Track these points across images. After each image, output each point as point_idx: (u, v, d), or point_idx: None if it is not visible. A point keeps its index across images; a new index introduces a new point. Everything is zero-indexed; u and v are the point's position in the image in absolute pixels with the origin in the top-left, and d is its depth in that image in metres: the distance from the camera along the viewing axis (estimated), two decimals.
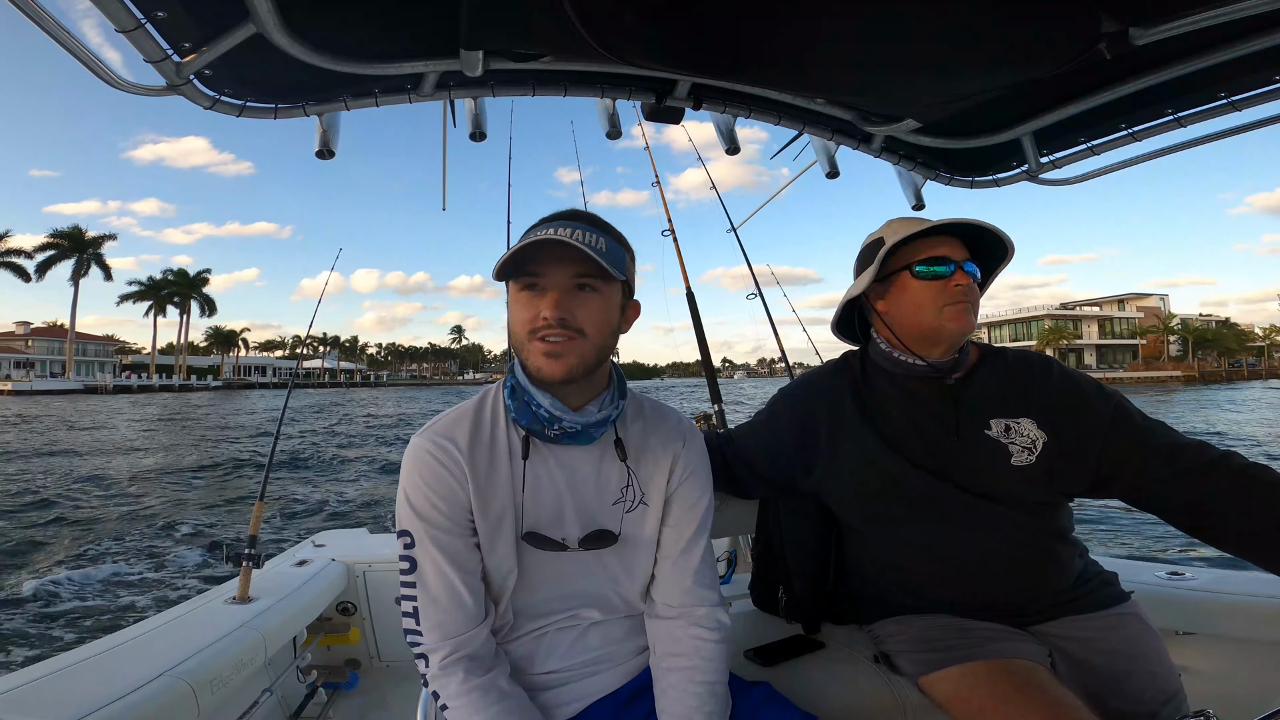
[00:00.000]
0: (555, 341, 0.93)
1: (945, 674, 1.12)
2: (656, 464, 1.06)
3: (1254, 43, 1.25)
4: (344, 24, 1.23)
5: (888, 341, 1.29)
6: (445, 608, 0.94)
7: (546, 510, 0.99)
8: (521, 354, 0.98)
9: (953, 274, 1.20)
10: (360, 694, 2.22)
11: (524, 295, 0.96)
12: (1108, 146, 1.72)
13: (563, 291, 0.94)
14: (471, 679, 0.90)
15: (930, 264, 1.20)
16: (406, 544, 0.96)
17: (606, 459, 1.03)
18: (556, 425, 0.97)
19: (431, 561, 0.95)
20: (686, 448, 1.09)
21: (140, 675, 1.33)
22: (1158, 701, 1.09)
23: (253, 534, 1.90)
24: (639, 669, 1.07)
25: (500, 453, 0.99)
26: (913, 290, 1.22)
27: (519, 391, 0.99)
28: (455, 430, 0.99)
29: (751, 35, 1.19)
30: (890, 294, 1.26)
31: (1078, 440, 1.18)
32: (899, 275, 1.24)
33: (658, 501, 1.06)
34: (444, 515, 0.95)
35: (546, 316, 0.93)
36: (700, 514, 1.08)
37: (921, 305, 1.21)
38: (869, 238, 1.33)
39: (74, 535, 7.18)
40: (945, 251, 1.21)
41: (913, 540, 1.22)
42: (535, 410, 0.97)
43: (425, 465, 0.96)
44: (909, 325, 1.24)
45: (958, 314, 1.19)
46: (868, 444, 1.24)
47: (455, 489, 0.96)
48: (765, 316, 3.12)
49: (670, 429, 1.10)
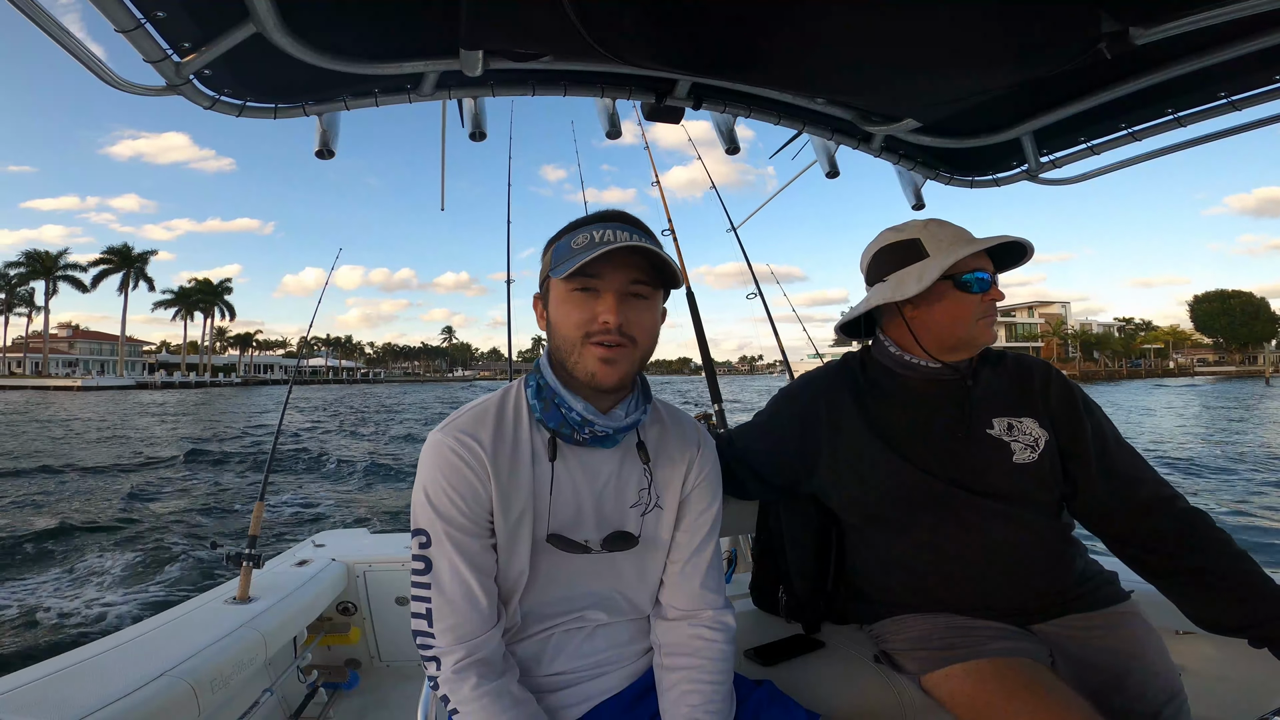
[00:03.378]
0: (612, 348, 0.93)
1: (948, 672, 1.12)
2: (674, 467, 1.06)
3: (1254, 43, 1.25)
4: (344, 24, 1.23)
5: (897, 344, 1.29)
6: (461, 610, 0.92)
7: (568, 512, 0.99)
8: (571, 356, 0.95)
9: (990, 288, 1.22)
10: (360, 694, 2.22)
11: (576, 295, 0.94)
12: (1108, 146, 1.72)
13: (619, 296, 0.93)
14: (484, 684, 0.89)
15: (976, 275, 1.21)
16: (422, 543, 0.94)
17: (628, 462, 1.03)
18: (588, 429, 0.96)
19: (449, 562, 0.92)
20: (702, 453, 1.10)
21: (140, 675, 1.33)
22: (1158, 701, 1.10)
23: (253, 534, 1.90)
24: (643, 670, 1.07)
25: (523, 453, 0.97)
26: (952, 299, 1.22)
27: (546, 392, 0.98)
28: (479, 428, 0.96)
29: (751, 35, 1.19)
30: (926, 301, 1.25)
31: (1067, 447, 1.22)
32: (939, 283, 1.22)
33: (672, 504, 1.06)
34: (464, 515, 0.93)
35: (608, 321, 0.92)
36: (711, 519, 1.09)
37: (960, 316, 1.21)
38: (894, 235, 1.30)
39: (81, 535, 7.18)
40: (983, 264, 1.22)
41: (914, 540, 1.22)
42: (566, 414, 0.95)
43: (447, 462, 0.93)
44: (940, 333, 1.24)
45: (988, 326, 1.22)
46: (869, 446, 1.24)
47: (477, 488, 0.94)
48: (765, 315, 3.11)
49: (688, 433, 1.11)
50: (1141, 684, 1.11)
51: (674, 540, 1.07)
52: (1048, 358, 53.84)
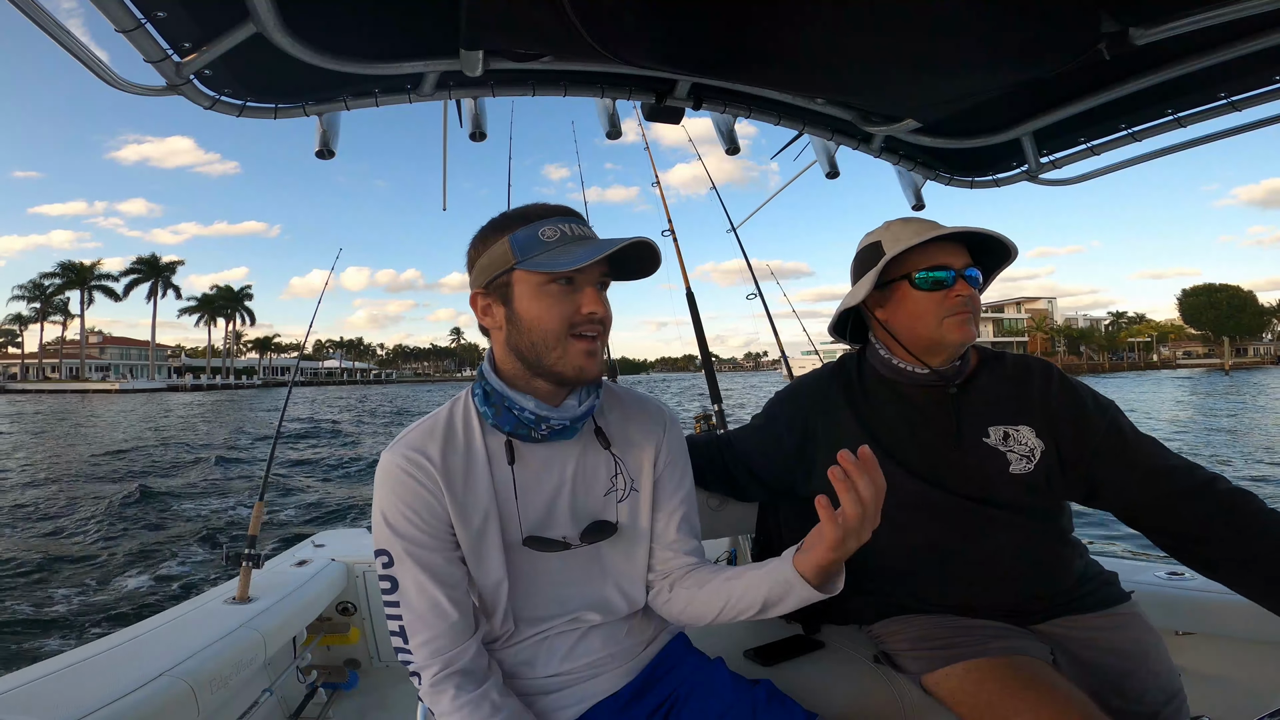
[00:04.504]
0: (594, 339, 0.94)
1: (949, 671, 1.12)
2: (642, 449, 1.07)
3: (1254, 43, 1.24)
4: (344, 24, 1.23)
5: (886, 348, 1.28)
6: (431, 624, 0.92)
7: (539, 512, 0.99)
8: (553, 352, 0.93)
9: (954, 284, 1.17)
10: (360, 694, 2.22)
11: (554, 288, 0.93)
12: (1108, 146, 1.72)
13: (596, 288, 0.95)
14: (463, 694, 0.89)
15: (930, 273, 1.18)
16: (385, 563, 0.94)
17: (590, 451, 1.03)
18: (544, 425, 0.96)
19: (413, 579, 0.92)
20: (668, 433, 1.11)
21: (140, 675, 1.33)
22: (1158, 701, 1.10)
23: (252, 534, 1.90)
24: (640, 669, 1.07)
25: (477, 461, 0.97)
26: (912, 300, 1.20)
27: (494, 396, 0.97)
28: (427, 442, 0.96)
29: (751, 35, 1.19)
30: (890, 302, 1.24)
31: (1074, 451, 1.19)
32: (898, 284, 1.21)
33: (647, 487, 1.07)
34: (421, 531, 0.93)
35: (593, 311, 0.93)
36: (685, 493, 1.11)
37: (921, 316, 1.19)
38: (867, 238, 1.30)
39: (95, 534, 7.19)
40: (946, 259, 1.18)
41: (913, 544, 1.22)
42: (519, 414, 0.95)
43: (398, 481, 0.93)
44: (909, 334, 1.22)
45: (958, 325, 1.17)
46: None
47: (431, 502, 0.93)
48: (764, 314, 3.12)
49: (650, 415, 1.11)
50: (1141, 685, 1.11)
51: (654, 529, 1.08)
52: (1032, 352, 53.02)
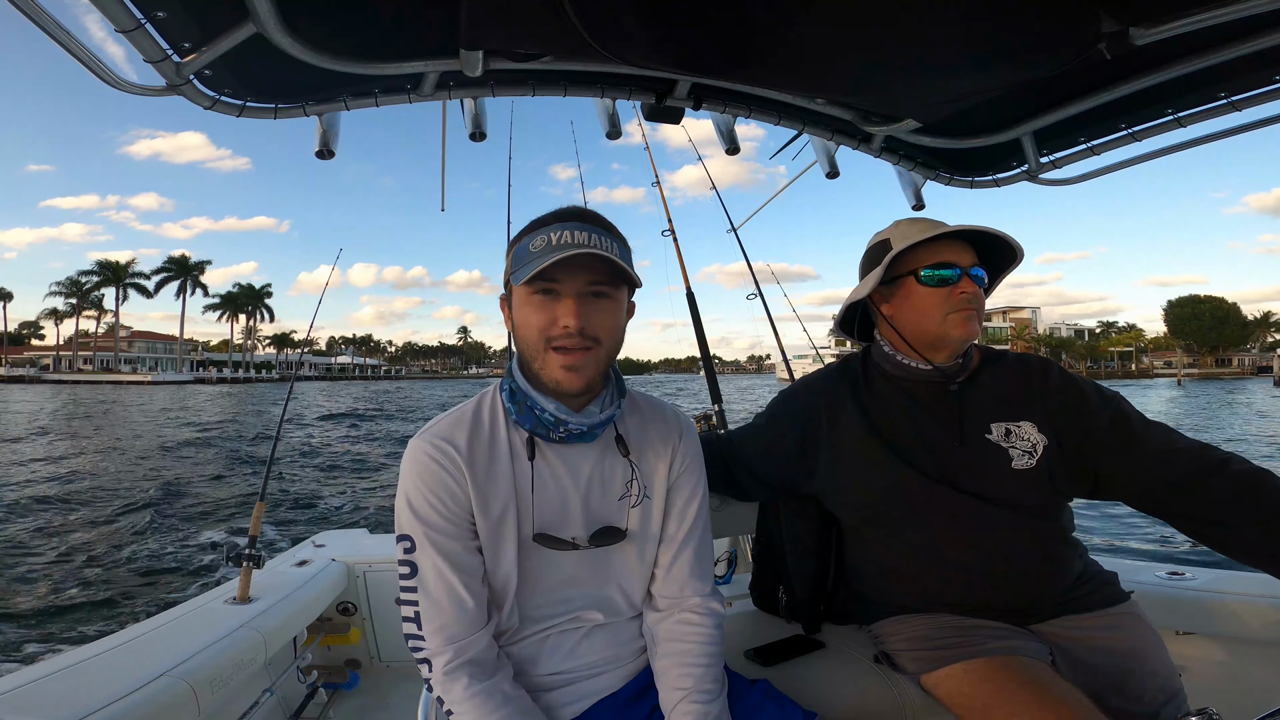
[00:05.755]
0: (573, 353, 0.93)
1: (949, 671, 1.12)
2: (657, 457, 1.07)
3: (1254, 43, 1.24)
4: (344, 24, 1.23)
5: (891, 345, 1.29)
6: (447, 611, 0.93)
7: (553, 510, 1.00)
8: (534, 362, 0.97)
9: (959, 281, 1.19)
10: (360, 694, 2.22)
11: (537, 299, 0.95)
12: (1108, 146, 1.72)
13: (579, 298, 0.94)
14: (475, 684, 0.90)
15: (936, 270, 1.20)
16: (406, 548, 0.96)
17: (609, 455, 1.04)
18: (562, 428, 0.97)
19: (433, 565, 0.94)
20: (684, 440, 1.11)
21: (140, 675, 1.33)
22: (1158, 701, 1.10)
23: (253, 534, 1.90)
24: (641, 669, 1.08)
25: (501, 454, 0.99)
26: (918, 296, 1.22)
27: (519, 395, 0.99)
28: (454, 432, 0.98)
29: (751, 35, 1.19)
30: (896, 298, 1.26)
31: (1077, 443, 1.19)
32: (905, 280, 1.24)
33: (660, 494, 1.07)
34: (444, 518, 0.95)
35: (567, 325, 0.92)
36: (697, 505, 1.10)
37: (926, 311, 1.21)
38: (875, 237, 1.32)
39: (91, 530, 7.19)
40: (952, 257, 1.20)
41: (914, 542, 1.22)
42: (539, 415, 0.97)
43: (424, 467, 0.96)
44: (914, 330, 1.24)
45: (962, 321, 1.19)
46: (869, 449, 1.24)
47: (455, 491, 0.95)
48: (765, 316, 3.11)
49: (667, 422, 1.11)
50: (1141, 684, 1.11)
51: (663, 531, 1.07)
52: None
